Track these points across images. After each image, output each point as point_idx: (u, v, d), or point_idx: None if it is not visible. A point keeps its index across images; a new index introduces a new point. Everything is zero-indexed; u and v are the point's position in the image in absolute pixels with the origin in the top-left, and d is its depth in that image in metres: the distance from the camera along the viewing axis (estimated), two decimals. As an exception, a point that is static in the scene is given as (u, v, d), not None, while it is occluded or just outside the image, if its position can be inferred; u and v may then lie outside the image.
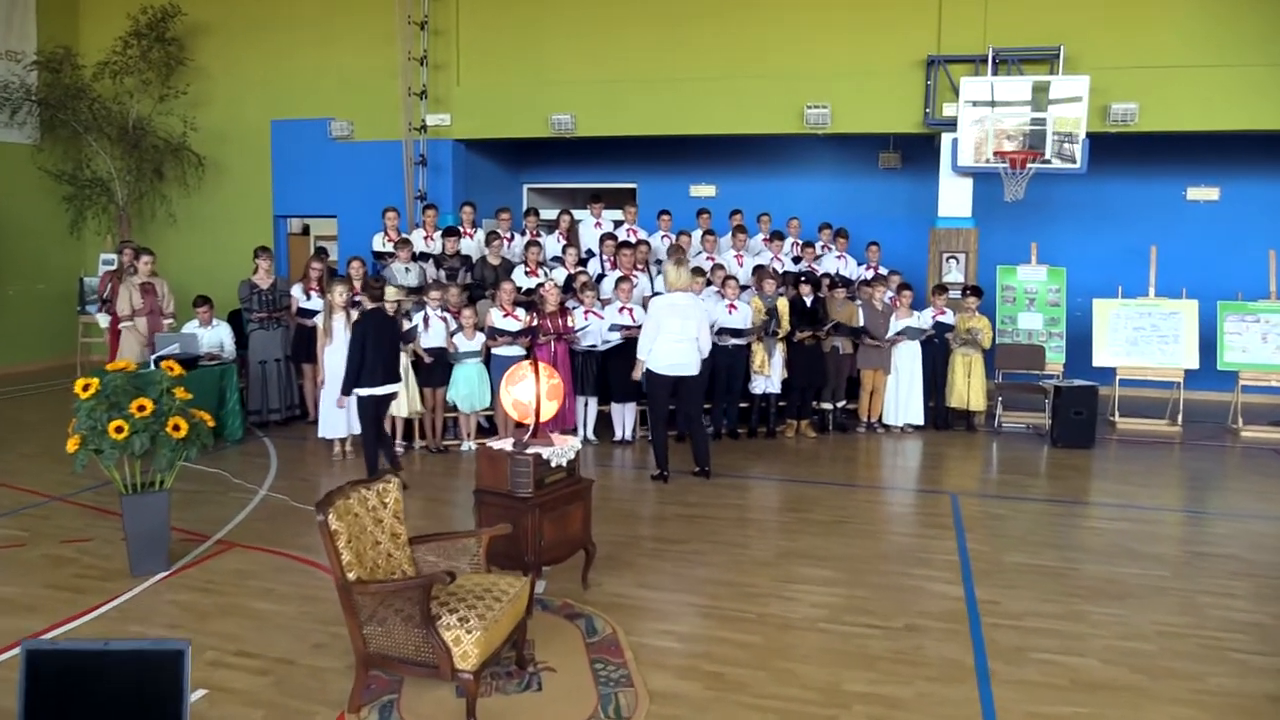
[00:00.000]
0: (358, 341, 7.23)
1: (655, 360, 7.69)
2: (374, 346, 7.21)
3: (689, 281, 7.87)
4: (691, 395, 7.88)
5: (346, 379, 7.28)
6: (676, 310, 7.64)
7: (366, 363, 7.17)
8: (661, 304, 7.71)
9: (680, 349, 7.64)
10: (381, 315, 7.45)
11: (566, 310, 9.21)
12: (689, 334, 7.66)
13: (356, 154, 13.18)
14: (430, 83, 12.74)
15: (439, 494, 7.69)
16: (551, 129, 12.31)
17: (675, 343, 7.63)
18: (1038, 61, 11.03)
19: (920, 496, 7.78)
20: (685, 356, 7.67)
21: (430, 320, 8.84)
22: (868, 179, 13.71)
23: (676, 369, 7.67)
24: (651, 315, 7.71)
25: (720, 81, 11.94)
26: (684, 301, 7.70)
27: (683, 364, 7.68)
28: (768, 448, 9.47)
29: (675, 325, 7.62)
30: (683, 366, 7.68)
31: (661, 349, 7.66)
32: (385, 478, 4.43)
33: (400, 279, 9.77)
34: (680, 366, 7.68)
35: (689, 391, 7.84)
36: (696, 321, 7.69)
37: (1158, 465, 9.12)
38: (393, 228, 10.62)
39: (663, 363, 7.67)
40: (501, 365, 8.92)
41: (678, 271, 7.73)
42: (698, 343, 7.73)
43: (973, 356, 10.20)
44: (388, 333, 7.44)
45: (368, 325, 7.30)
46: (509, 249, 10.79)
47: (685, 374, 7.71)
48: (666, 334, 7.62)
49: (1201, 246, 12.49)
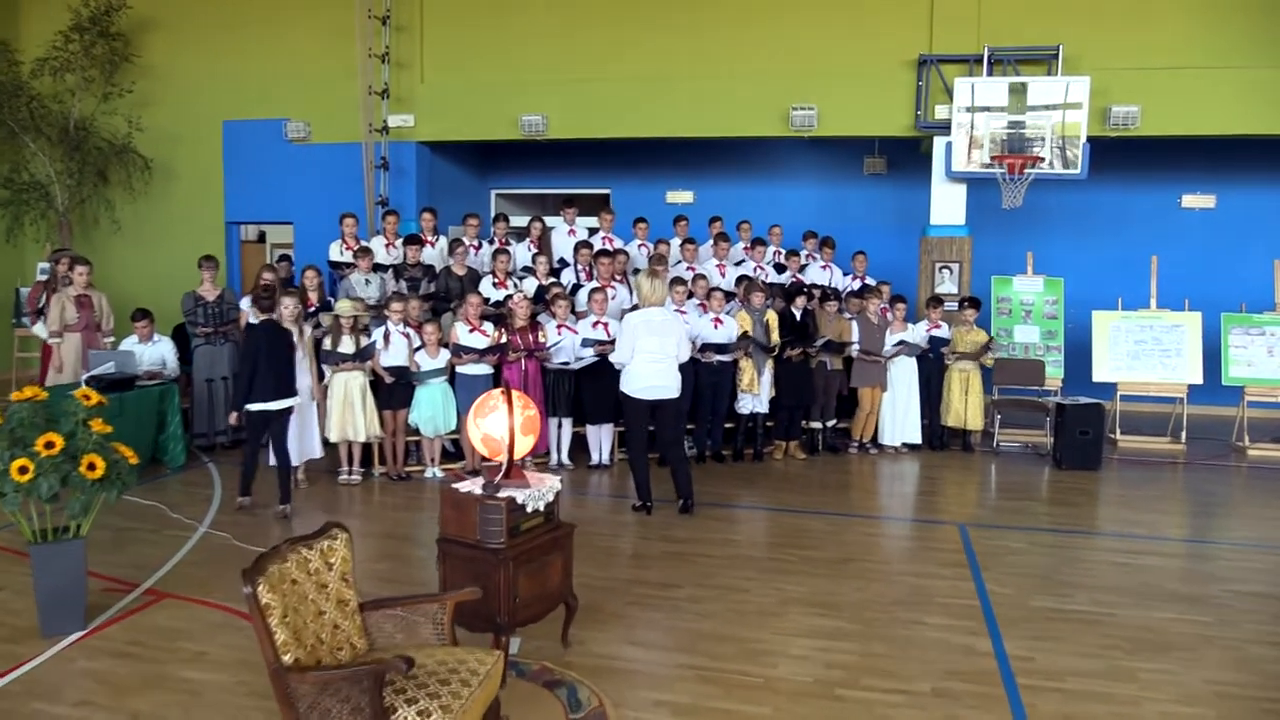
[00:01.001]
0: (249, 356, 6.96)
1: (631, 383, 7.01)
2: (266, 360, 6.90)
3: (665, 295, 7.20)
4: (670, 420, 7.20)
5: (235, 394, 7.07)
6: (652, 327, 6.96)
7: (258, 377, 6.88)
8: (636, 321, 7.01)
9: (658, 370, 6.97)
10: (272, 327, 7.10)
11: (538, 325, 8.53)
12: (667, 352, 6.99)
13: (314, 157, 12.43)
14: (392, 81, 12.02)
15: (399, 529, 6.97)
16: (521, 131, 11.62)
17: (652, 363, 6.96)
18: (1035, 62, 10.51)
19: (926, 528, 7.16)
20: (663, 378, 7.00)
21: (390, 336, 8.11)
22: (852, 185, 13.16)
23: (654, 392, 7.00)
24: (625, 333, 7.03)
25: (700, 81, 11.32)
26: (659, 317, 7.03)
27: (661, 386, 7.00)
28: (756, 472, 8.83)
29: (652, 344, 6.95)
30: (661, 389, 7.01)
31: (637, 370, 6.98)
32: (331, 532, 3.73)
33: (359, 291, 9.06)
34: (658, 389, 7.00)
35: (668, 416, 7.16)
36: (675, 338, 7.03)
37: (1170, 489, 8.59)
38: (351, 236, 9.90)
39: (639, 385, 6.99)
40: (467, 385, 8.25)
41: (652, 285, 7.04)
42: (677, 359, 7.07)
43: (970, 372, 9.63)
44: (281, 346, 7.08)
45: (259, 338, 7.00)
46: (475, 258, 10.09)
47: (664, 397, 7.04)
48: (642, 354, 6.95)
49: (1199, 256, 12.05)
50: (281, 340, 7.09)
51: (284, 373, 7.04)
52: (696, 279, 9.29)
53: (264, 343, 6.95)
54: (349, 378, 7.97)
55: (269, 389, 6.92)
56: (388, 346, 8.08)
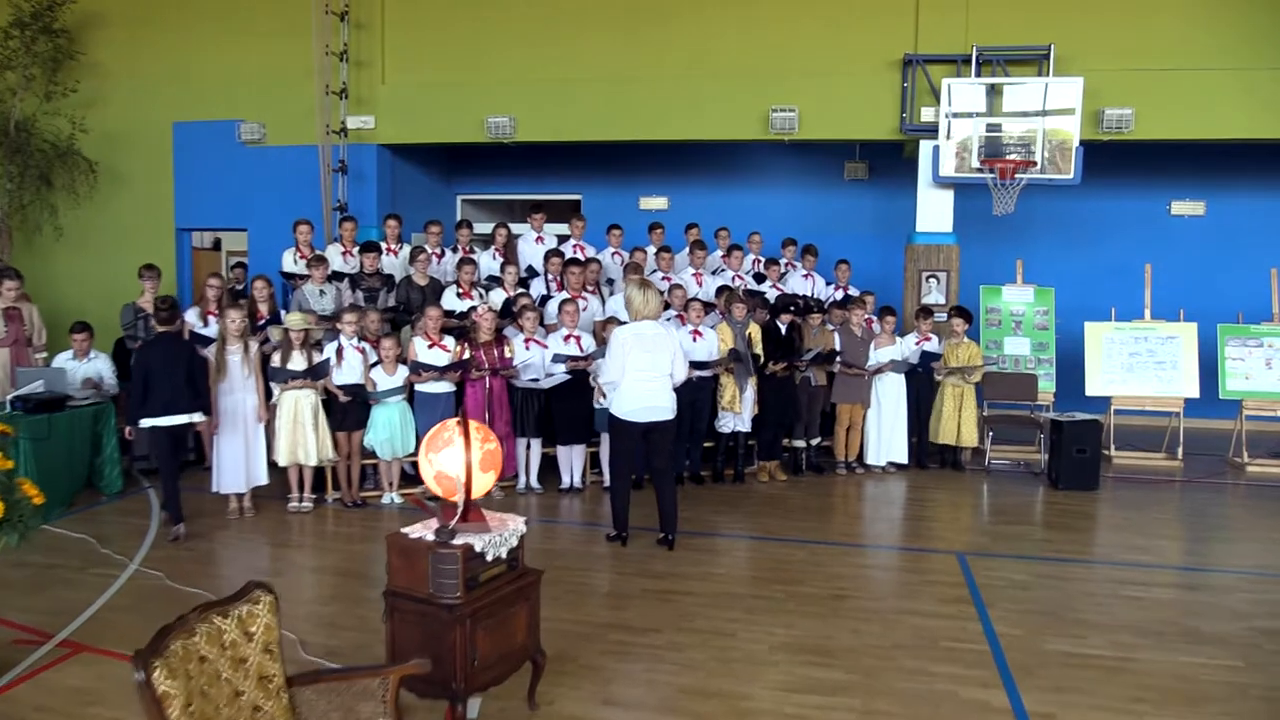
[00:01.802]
0: (140, 370, 6.72)
1: (621, 404, 6.45)
2: (161, 373, 6.65)
3: (658, 308, 6.64)
4: (663, 443, 6.63)
5: (131, 408, 6.76)
6: (644, 343, 6.41)
7: (151, 391, 6.63)
8: (626, 336, 6.46)
9: (651, 389, 6.42)
10: (171, 340, 6.85)
11: (504, 339, 7.97)
12: (660, 369, 6.45)
13: (269, 160, 11.76)
14: (352, 81, 11.41)
15: (353, 564, 6.37)
16: (487, 133, 11.05)
17: (645, 382, 6.40)
18: (1024, 63, 10.09)
19: (922, 559, 6.65)
20: (657, 398, 6.45)
21: (344, 352, 7.52)
22: (832, 191, 12.69)
23: (648, 414, 6.43)
24: (615, 350, 6.47)
25: (676, 82, 10.81)
26: (651, 332, 6.48)
27: (655, 407, 6.45)
28: (737, 495, 8.30)
29: (644, 361, 6.39)
30: (655, 410, 6.45)
31: (629, 390, 6.42)
32: (252, 595, 3.16)
33: (313, 303, 8.46)
34: (652, 410, 6.44)
35: (661, 439, 6.59)
36: (669, 355, 6.49)
37: (1173, 510, 8.16)
38: (305, 244, 9.29)
39: (630, 406, 6.42)
40: (428, 404, 7.69)
41: (644, 296, 6.49)
42: (671, 378, 6.53)
43: (964, 388, 9.16)
44: (177, 360, 6.77)
45: (153, 352, 6.77)
46: (438, 267, 9.52)
47: (658, 419, 6.49)
48: (634, 372, 6.39)
49: (1189, 265, 11.67)
50: (180, 354, 6.82)
51: (183, 386, 6.72)
52: (673, 289, 8.78)
53: (158, 356, 6.71)
54: (299, 396, 7.37)
55: (159, 404, 6.64)
56: (341, 363, 7.49)
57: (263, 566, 6.36)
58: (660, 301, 6.66)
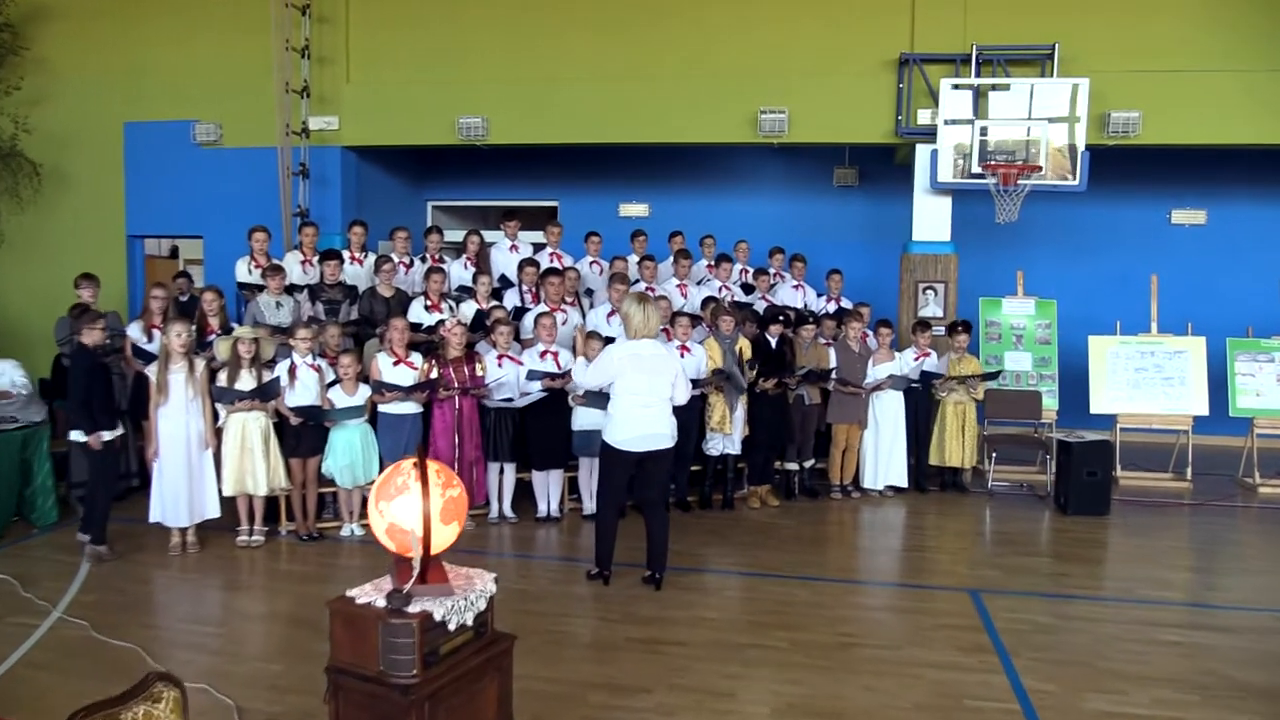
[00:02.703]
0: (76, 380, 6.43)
1: (616, 431, 5.83)
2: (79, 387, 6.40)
3: (658, 325, 6.00)
4: (658, 473, 6.02)
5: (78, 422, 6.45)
6: (642, 364, 5.79)
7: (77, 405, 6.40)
8: (622, 355, 5.82)
9: (649, 415, 5.80)
10: (83, 353, 6.45)
11: (475, 355, 7.35)
12: (659, 394, 5.83)
13: (226, 163, 11.09)
14: (314, 79, 10.77)
15: (305, 608, 5.70)
16: (459, 135, 10.43)
17: (642, 408, 5.78)
18: (1026, 63, 9.61)
19: (932, 597, 6.08)
20: (656, 425, 5.83)
21: (298, 370, 6.87)
22: (821, 198, 12.17)
23: (646, 442, 5.81)
24: (603, 365, 5.87)
25: (658, 82, 10.24)
26: (650, 351, 5.85)
27: (653, 435, 5.82)
28: (727, 523, 7.71)
29: (641, 384, 5.78)
30: (653, 439, 5.83)
31: (625, 417, 5.80)
32: (152, 690, 2.54)
33: (268, 316, 7.81)
34: (650, 439, 5.82)
35: (656, 468, 5.97)
36: (669, 378, 5.87)
37: (1191, 537, 7.66)
38: (262, 252, 8.63)
39: (626, 435, 5.80)
40: (392, 427, 7.07)
41: (644, 313, 5.85)
42: (672, 402, 5.93)
43: (966, 405, 8.63)
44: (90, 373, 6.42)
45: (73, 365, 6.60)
46: (405, 277, 8.90)
47: (657, 448, 5.87)
48: (630, 396, 5.78)
49: (1192, 275, 11.20)
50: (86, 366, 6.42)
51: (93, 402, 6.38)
52: (658, 301, 8.17)
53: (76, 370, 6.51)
54: (247, 420, 6.71)
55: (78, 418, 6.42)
56: (294, 382, 6.84)
57: (202, 614, 5.69)
58: (660, 318, 6.05)
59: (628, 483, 6.07)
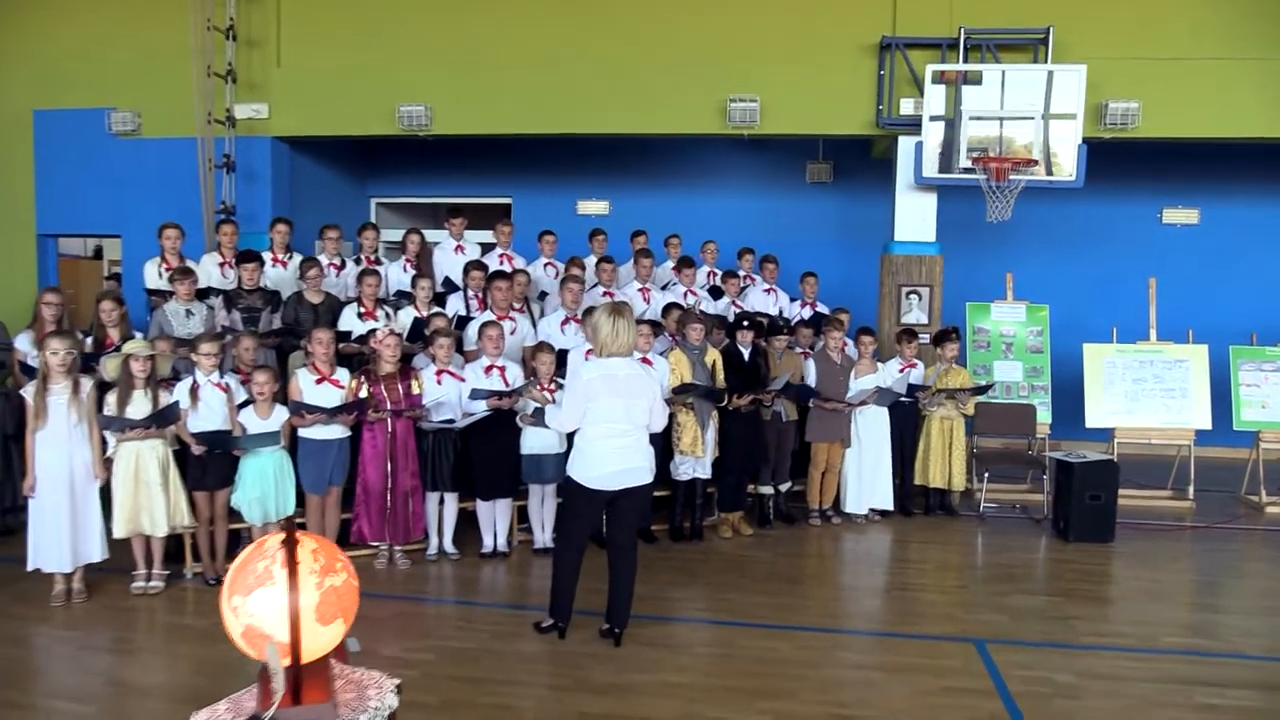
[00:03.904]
0: None
1: (584, 467, 4.96)
2: None
3: (632, 341, 5.08)
4: (632, 514, 5.18)
5: None
6: (615, 386, 4.90)
7: None
8: (592, 376, 4.92)
9: (622, 447, 4.93)
10: None
11: (411, 371, 6.48)
12: (636, 421, 4.97)
13: (145, 155, 10.10)
14: (241, 63, 9.81)
15: (200, 678, 4.80)
16: (399, 124, 9.53)
17: (615, 438, 4.91)
18: (1018, 48, 8.90)
19: (934, 649, 5.29)
20: (630, 459, 4.95)
21: (201, 390, 5.95)
22: (792, 196, 11.41)
23: (618, 479, 4.94)
24: (573, 392, 4.97)
25: (619, 67, 9.42)
26: (625, 372, 4.96)
27: (627, 470, 4.95)
28: (696, 557, 6.90)
29: (616, 410, 4.89)
30: (629, 474, 4.96)
31: (596, 450, 4.92)
32: None
33: (175, 327, 6.90)
34: (625, 475, 4.95)
35: (630, 508, 5.13)
36: (647, 402, 5.00)
37: (1203, 568, 7.00)
38: (173, 252, 7.70)
39: (596, 471, 4.92)
40: (315, 455, 6.20)
41: (614, 327, 4.94)
42: (648, 430, 5.08)
43: (954, 420, 7.90)
44: None
45: None
46: (338, 280, 8.02)
47: (631, 485, 5.01)
48: (601, 425, 4.91)
49: (1184, 279, 10.56)
50: None
51: None
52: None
53: None
54: (142, 449, 5.78)
55: None
56: (196, 404, 5.92)
57: (75, 685, 4.76)
58: (635, 333, 5.15)
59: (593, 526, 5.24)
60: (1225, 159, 10.36)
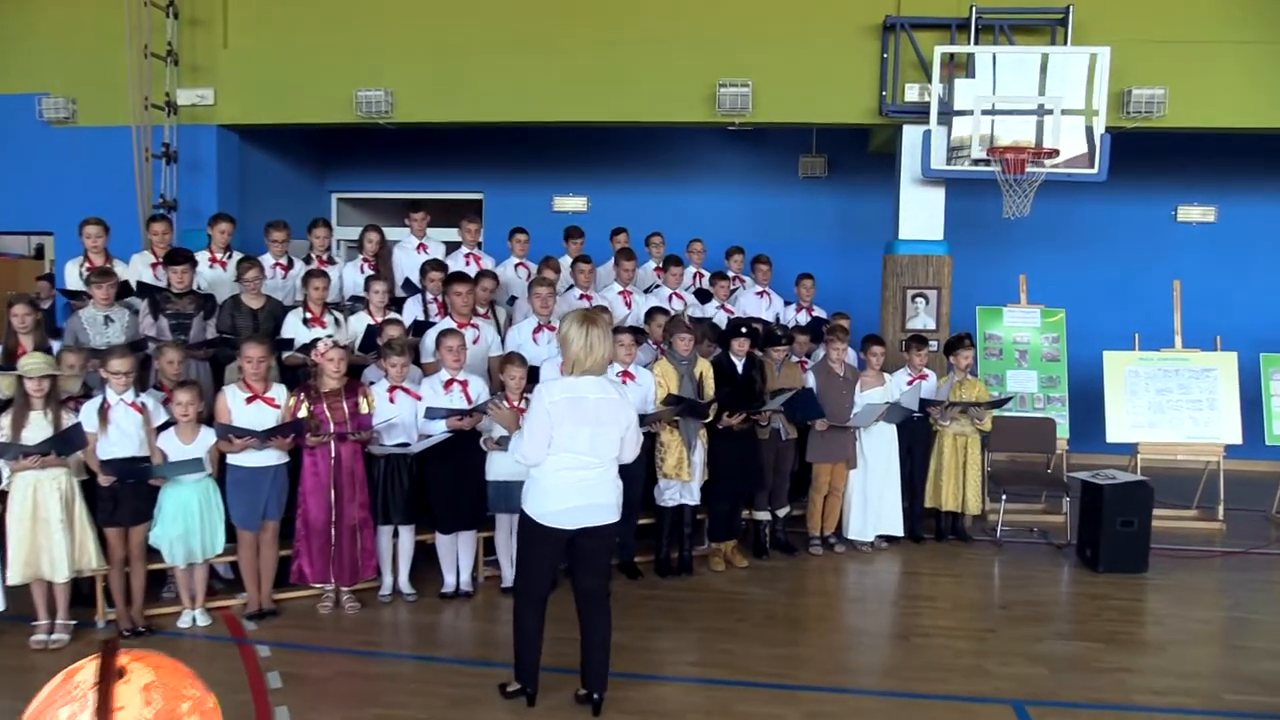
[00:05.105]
0: None
1: (540, 501, 4.17)
2: None
3: (607, 357, 4.27)
4: (599, 557, 4.37)
5: None
6: (584, 411, 4.11)
7: None
8: (555, 399, 4.12)
9: (589, 480, 4.14)
10: None
11: (360, 386, 5.67)
12: (604, 452, 4.17)
13: (80, 144, 9.24)
14: (184, 44, 8.98)
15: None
16: (358, 112, 8.70)
17: (578, 469, 4.12)
18: (1033, 29, 8.19)
19: (966, 713, 4.54)
20: (597, 493, 4.17)
21: (113, 411, 5.13)
22: (784, 191, 10.70)
23: (580, 516, 4.16)
24: (536, 417, 4.14)
25: (597, 50, 8.64)
26: (596, 395, 4.16)
27: (590, 507, 4.17)
28: (685, 595, 6.12)
29: (581, 440, 4.11)
30: (589, 512, 4.17)
31: (554, 482, 4.13)
32: None
33: (91, 335, 6.07)
34: (585, 512, 4.17)
35: (597, 550, 4.32)
36: (619, 429, 4.20)
37: (1253, 604, 6.33)
38: (96, 251, 6.87)
39: (556, 506, 4.14)
40: (245, 484, 5.41)
41: (586, 339, 4.14)
42: (618, 461, 4.29)
43: (969, 437, 7.17)
44: None
45: None
46: (284, 283, 7.21)
47: (595, 523, 4.22)
48: (564, 454, 4.11)
49: (1201, 280, 9.83)
50: None
51: None
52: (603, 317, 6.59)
53: None
54: (41, 480, 4.96)
55: None
56: (106, 428, 5.10)
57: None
58: (610, 346, 4.32)
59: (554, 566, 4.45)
60: (1242, 152, 9.69)
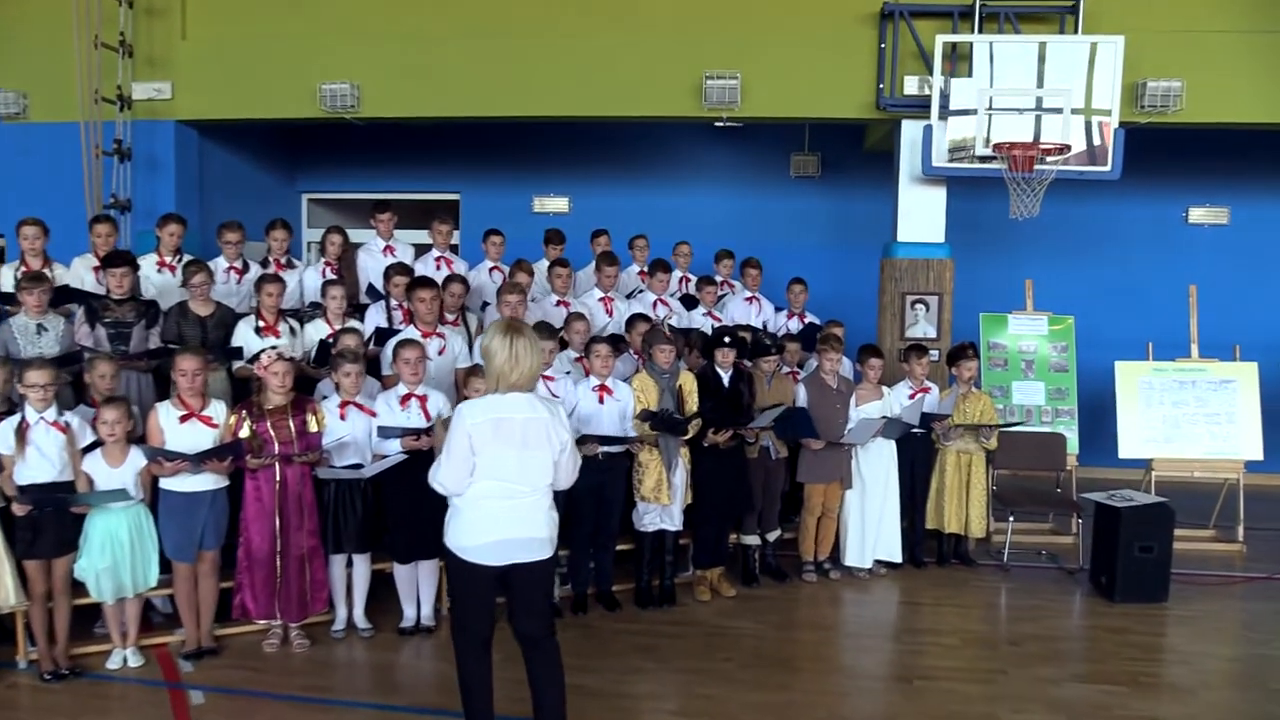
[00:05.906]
0: None
1: (463, 534, 3.68)
2: None
3: (535, 369, 3.80)
4: (534, 596, 3.88)
5: None
6: (508, 434, 3.62)
7: None
8: (477, 419, 3.63)
9: (515, 511, 3.65)
10: None
11: (309, 403, 5.16)
12: (533, 480, 3.69)
13: (33, 141, 8.71)
14: (140, 35, 8.46)
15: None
16: (322, 106, 8.19)
17: (504, 499, 3.64)
18: (1040, 18, 7.71)
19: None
20: (525, 526, 3.68)
21: (32, 431, 4.62)
22: (775, 191, 10.23)
23: (507, 552, 3.67)
24: (455, 442, 3.64)
25: (577, 40, 8.16)
26: (525, 412, 3.68)
27: (520, 541, 3.68)
28: (666, 629, 5.62)
29: (506, 464, 3.62)
30: (517, 546, 3.68)
31: (475, 510, 3.66)
32: None
33: (20, 345, 5.55)
34: (512, 547, 3.67)
35: (531, 587, 3.83)
36: (550, 453, 3.72)
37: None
38: (34, 253, 6.37)
39: (477, 539, 3.65)
40: (181, 511, 4.95)
41: (510, 351, 3.64)
42: (551, 489, 3.81)
43: (974, 455, 6.69)
44: None
45: None
46: (239, 288, 6.71)
47: (524, 559, 3.72)
48: (487, 481, 3.63)
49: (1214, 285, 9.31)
50: None
51: None
52: (572, 321, 6.12)
53: None
54: (-55, 509, 4.46)
55: None
56: (24, 450, 4.59)
57: None
58: (539, 358, 3.84)
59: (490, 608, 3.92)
60: (1256, 151, 9.24)
